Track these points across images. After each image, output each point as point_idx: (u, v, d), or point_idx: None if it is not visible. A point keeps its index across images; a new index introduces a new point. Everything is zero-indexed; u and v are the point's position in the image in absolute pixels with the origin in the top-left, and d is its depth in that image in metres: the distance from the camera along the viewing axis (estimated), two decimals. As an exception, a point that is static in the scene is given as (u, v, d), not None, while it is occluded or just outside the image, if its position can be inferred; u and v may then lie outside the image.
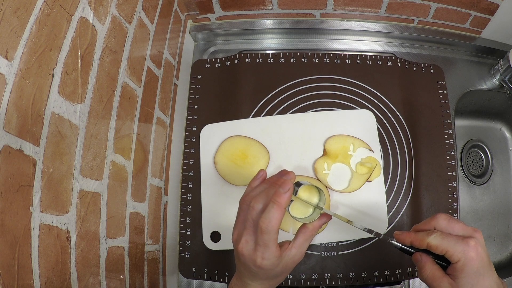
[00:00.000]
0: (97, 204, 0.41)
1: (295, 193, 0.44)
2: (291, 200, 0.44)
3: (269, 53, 0.70)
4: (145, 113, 0.54)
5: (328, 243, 0.61)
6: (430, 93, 0.69)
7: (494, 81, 0.73)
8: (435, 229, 0.39)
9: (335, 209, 0.61)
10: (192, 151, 0.66)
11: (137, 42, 0.50)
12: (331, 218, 0.44)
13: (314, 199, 0.45)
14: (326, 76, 0.68)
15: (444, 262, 0.39)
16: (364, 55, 0.70)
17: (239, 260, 0.42)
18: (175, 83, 0.67)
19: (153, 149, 0.57)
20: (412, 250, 0.41)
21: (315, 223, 0.42)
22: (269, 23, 0.74)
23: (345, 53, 0.70)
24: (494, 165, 0.82)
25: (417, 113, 0.67)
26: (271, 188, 0.41)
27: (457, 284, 0.37)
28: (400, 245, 0.41)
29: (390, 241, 0.42)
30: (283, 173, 0.44)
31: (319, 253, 0.60)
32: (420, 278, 0.40)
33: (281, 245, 0.41)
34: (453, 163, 0.65)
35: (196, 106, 0.68)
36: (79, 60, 0.37)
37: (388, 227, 0.61)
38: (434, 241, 0.38)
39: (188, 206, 0.64)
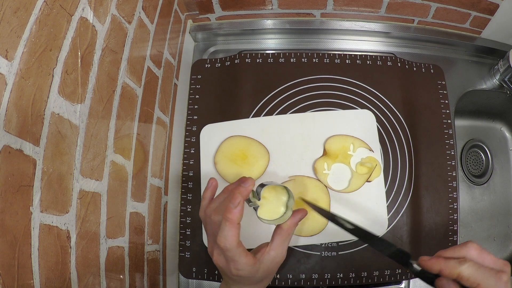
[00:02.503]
0: (97, 204, 0.41)
1: (258, 197, 0.43)
2: (257, 206, 0.43)
3: (269, 53, 0.70)
4: (145, 113, 0.54)
5: (328, 243, 0.61)
6: (430, 93, 0.69)
7: (494, 81, 0.73)
8: (464, 258, 0.35)
9: (335, 209, 0.61)
10: (192, 151, 0.66)
11: (137, 42, 0.50)
12: (306, 214, 0.43)
13: (283, 198, 0.44)
14: (326, 76, 0.68)
15: None
16: (364, 55, 0.70)
17: (219, 271, 0.42)
18: (175, 83, 0.67)
19: (153, 149, 0.57)
20: (431, 276, 0.37)
21: (289, 222, 0.41)
22: (269, 23, 0.74)
23: (345, 53, 0.70)
24: (494, 165, 0.82)
25: (417, 113, 0.67)
26: (227, 200, 0.40)
27: None
28: (419, 269, 0.37)
29: (412, 263, 0.38)
30: (242, 181, 0.42)
31: (319, 253, 0.60)
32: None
33: (259, 249, 0.41)
34: (453, 163, 0.65)
35: (196, 106, 0.68)
36: (79, 60, 0.37)
37: (388, 227, 0.61)
38: (467, 272, 0.34)
39: (188, 206, 0.64)
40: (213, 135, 0.65)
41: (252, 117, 0.66)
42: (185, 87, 0.70)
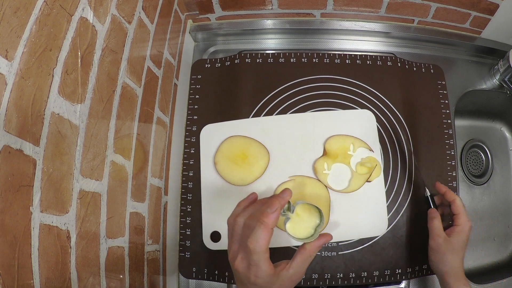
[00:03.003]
0: (97, 204, 0.41)
1: (292, 210, 0.44)
2: (288, 218, 0.44)
3: (269, 53, 0.70)
4: (145, 113, 0.54)
5: (328, 243, 0.61)
6: (430, 93, 0.69)
7: (494, 81, 0.73)
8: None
9: (335, 209, 0.61)
10: (192, 151, 0.66)
11: (137, 42, 0.50)
12: (331, 238, 0.43)
13: (315, 220, 0.44)
14: (326, 76, 0.68)
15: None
16: (364, 55, 0.70)
17: (236, 277, 0.42)
18: (175, 83, 0.67)
19: (153, 149, 0.57)
20: (431, 206, 0.58)
21: (313, 244, 0.42)
22: (269, 23, 0.74)
23: (345, 53, 0.70)
24: (494, 165, 0.82)
25: (417, 113, 0.67)
26: (264, 207, 0.41)
27: (450, 240, 0.53)
28: (429, 194, 0.59)
29: (426, 187, 0.59)
30: (280, 193, 0.43)
31: (319, 253, 0.60)
32: (428, 225, 0.56)
33: (279, 264, 0.41)
34: (453, 163, 0.65)
35: (196, 106, 0.68)
36: (79, 60, 0.37)
37: (388, 227, 0.61)
38: (459, 201, 0.55)
39: (188, 206, 0.64)
40: (213, 135, 0.65)
41: (252, 117, 0.66)
42: (185, 87, 0.70)
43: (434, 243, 0.55)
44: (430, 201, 0.58)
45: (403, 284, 0.62)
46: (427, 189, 0.59)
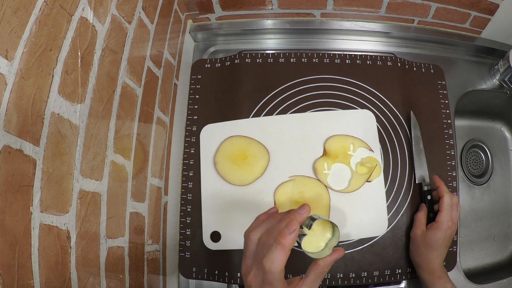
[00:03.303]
0: (97, 204, 0.41)
1: (309, 227, 0.43)
2: (304, 234, 0.43)
3: (269, 53, 0.70)
4: (145, 113, 0.54)
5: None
6: (430, 93, 0.69)
7: (494, 81, 0.73)
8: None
9: (335, 209, 0.61)
10: (192, 151, 0.66)
11: (137, 42, 0.50)
12: (344, 254, 0.42)
13: (327, 234, 0.44)
14: (326, 76, 0.68)
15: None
16: (364, 55, 0.70)
17: None
18: (175, 83, 0.67)
19: (153, 149, 0.57)
20: (423, 202, 0.61)
21: (327, 259, 0.41)
22: (269, 23, 0.74)
23: (345, 53, 0.70)
24: (494, 165, 0.82)
25: (417, 113, 0.67)
26: (282, 223, 0.40)
27: (426, 234, 0.56)
28: (426, 188, 0.61)
29: (422, 182, 0.63)
30: (300, 207, 0.42)
31: (319, 253, 0.60)
32: (414, 216, 0.60)
33: (292, 281, 0.41)
34: (453, 163, 0.65)
35: (196, 106, 0.68)
36: (79, 60, 0.37)
37: (388, 227, 0.61)
38: (447, 197, 0.57)
39: (188, 206, 0.64)
40: (213, 135, 0.65)
41: (252, 117, 0.66)
42: (185, 87, 0.70)
43: (413, 233, 0.59)
44: (423, 195, 0.62)
45: (403, 284, 0.62)
46: (422, 184, 0.62)
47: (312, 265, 0.41)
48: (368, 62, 0.69)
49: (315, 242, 0.43)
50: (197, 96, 0.69)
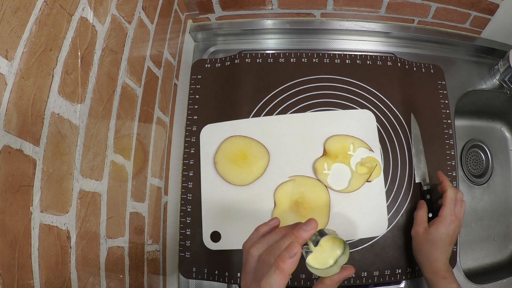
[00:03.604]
0: (97, 204, 0.41)
1: (315, 243, 0.39)
2: (310, 251, 0.39)
3: (269, 53, 0.70)
4: (145, 113, 0.54)
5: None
6: (430, 93, 0.69)
7: (494, 81, 0.73)
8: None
9: (335, 209, 0.61)
10: (192, 151, 0.66)
11: (137, 42, 0.50)
12: (353, 273, 0.39)
13: (337, 251, 0.40)
14: (326, 76, 0.68)
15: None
16: (364, 55, 0.70)
17: None
18: (175, 83, 0.67)
19: (153, 149, 0.57)
20: (423, 200, 0.60)
21: (334, 278, 0.38)
22: (269, 23, 0.74)
23: (345, 53, 0.70)
24: (494, 165, 0.82)
25: (417, 113, 0.67)
26: (286, 241, 0.37)
27: (429, 230, 0.54)
28: (426, 188, 0.61)
29: (422, 181, 0.63)
30: (305, 223, 0.38)
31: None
32: (414, 214, 0.59)
33: None
34: (453, 163, 0.65)
35: (196, 106, 0.68)
36: (79, 60, 0.37)
37: (388, 227, 0.61)
38: (451, 191, 0.55)
39: (188, 206, 0.64)
40: (213, 135, 0.65)
41: (252, 117, 0.66)
42: (185, 87, 0.70)
43: (413, 231, 0.57)
44: (423, 195, 0.62)
45: (403, 284, 0.62)
46: (422, 184, 0.62)
47: (317, 284, 0.39)
48: (368, 62, 0.69)
49: (323, 258, 0.40)
50: (197, 96, 0.69)
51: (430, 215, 0.60)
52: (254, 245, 0.39)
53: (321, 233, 0.39)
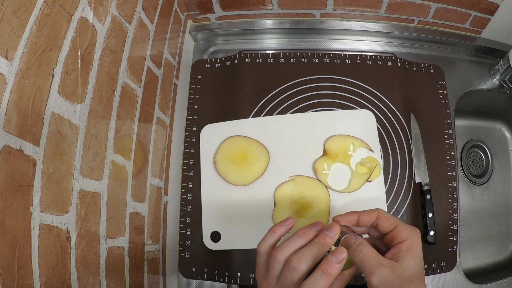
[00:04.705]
0: (97, 204, 0.41)
1: (337, 243, 0.40)
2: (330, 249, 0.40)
3: (269, 53, 0.70)
4: (145, 113, 0.54)
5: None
6: (430, 93, 0.69)
7: (494, 81, 0.73)
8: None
9: (335, 209, 0.61)
10: (192, 151, 0.66)
11: (137, 42, 0.50)
12: None
13: None
14: (326, 76, 0.68)
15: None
16: (364, 55, 0.70)
17: None
18: (175, 83, 0.67)
19: (153, 149, 0.57)
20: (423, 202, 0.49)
21: (352, 270, 0.40)
22: (269, 23, 0.74)
23: (345, 53, 0.70)
24: (494, 165, 0.82)
25: (417, 113, 0.67)
26: (315, 248, 0.37)
27: (401, 265, 0.36)
28: (426, 188, 0.55)
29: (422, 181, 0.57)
30: (326, 228, 0.38)
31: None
32: (355, 261, 0.37)
33: None
34: (453, 163, 0.65)
35: (196, 106, 0.68)
36: (79, 60, 0.37)
37: (388, 227, 0.61)
38: (385, 214, 0.40)
39: (188, 206, 0.64)
40: (213, 135, 0.65)
41: (252, 117, 0.66)
42: (185, 87, 0.70)
43: (378, 279, 0.35)
44: (423, 195, 0.59)
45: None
46: (422, 183, 0.61)
47: (337, 276, 0.39)
48: (368, 62, 0.69)
49: None
50: (197, 96, 0.69)
51: (430, 215, 0.60)
52: (279, 250, 0.38)
53: (341, 233, 0.40)
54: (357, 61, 0.69)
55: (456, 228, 0.62)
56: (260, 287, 0.40)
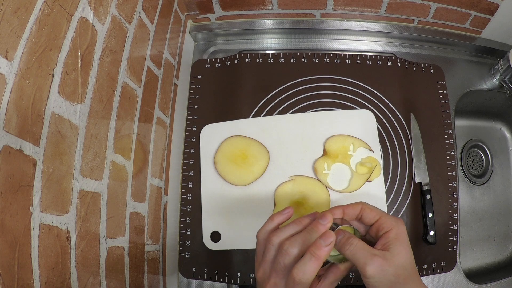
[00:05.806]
0: (97, 204, 0.41)
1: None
2: None
3: (269, 53, 0.70)
4: (145, 113, 0.54)
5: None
6: (430, 93, 0.69)
7: (494, 81, 0.73)
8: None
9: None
10: (192, 151, 0.66)
11: (137, 42, 0.50)
12: None
13: None
14: (326, 76, 0.68)
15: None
16: (364, 55, 0.70)
17: None
18: (175, 83, 0.67)
19: (153, 149, 0.57)
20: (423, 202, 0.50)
21: (347, 264, 0.39)
22: (269, 23, 0.74)
23: (345, 53, 0.70)
24: (494, 165, 0.82)
25: (417, 113, 0.67)
26: (307, 234, 0.38)
27: (392, 253, 0.36)
28: (426, 188, 0.55)
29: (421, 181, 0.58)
30: (319, 217, 0.40)
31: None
32: (346, 255, 0.38)
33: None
34: (453, 163, 0.65)
35: (196, 106, 0.68)
36: (79, 60, 0.37)
37: (388, 227, 0.61)
38: (369, 205, 0.40)
39: (188, 206, 0.64)
40: (213, 135, 0.65)
41: (252, 117, 0.66)
42: (185, 87, 0.70)
43: (372, 269, 0.35)
44: (423, 195, 0.59)
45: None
46: (422, 183, 0.61)
47: (332, 268, 0.40)
48: (368, 62, 0.69)
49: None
50: (197, 96, 0.69)
51: (430, 215, 0.60)
52: (275, 233, 0.39)
53: (336, 224, 0.41)
54: (357, 61, 0.69)
55: (456, 228, 0.63)
56: (257, 274, 0.40)
